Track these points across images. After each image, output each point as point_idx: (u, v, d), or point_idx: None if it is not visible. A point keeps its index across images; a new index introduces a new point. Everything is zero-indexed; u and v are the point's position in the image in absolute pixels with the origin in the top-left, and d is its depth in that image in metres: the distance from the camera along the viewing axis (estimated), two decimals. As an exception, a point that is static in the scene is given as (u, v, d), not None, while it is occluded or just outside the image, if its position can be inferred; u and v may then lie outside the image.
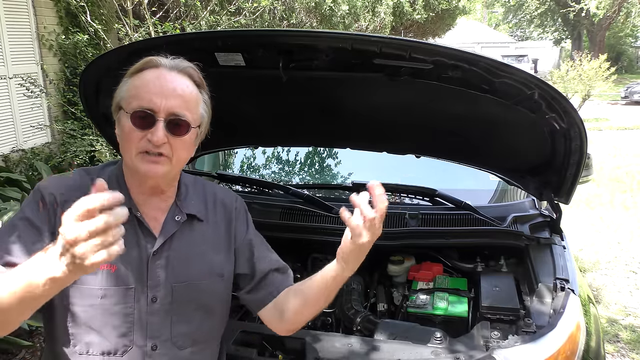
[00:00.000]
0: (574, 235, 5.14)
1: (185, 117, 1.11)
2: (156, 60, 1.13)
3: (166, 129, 1.08)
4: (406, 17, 14.00)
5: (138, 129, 1.08)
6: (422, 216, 2.04)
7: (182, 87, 1.12)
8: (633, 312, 3.74)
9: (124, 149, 1.12)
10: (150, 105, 1.07)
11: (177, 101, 1.10)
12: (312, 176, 3.02)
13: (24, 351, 3.05)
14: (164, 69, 1.12)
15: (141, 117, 1.08)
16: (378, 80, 1.67)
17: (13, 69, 5.76)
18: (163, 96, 1.08)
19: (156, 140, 1.07)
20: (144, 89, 1.09)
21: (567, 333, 1.38)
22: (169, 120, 1.09)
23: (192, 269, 1.19)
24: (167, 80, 1.10)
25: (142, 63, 1.13)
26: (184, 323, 1.18)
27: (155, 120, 1.08)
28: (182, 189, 1.24)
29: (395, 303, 2.02)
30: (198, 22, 6.51)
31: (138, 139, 1.08)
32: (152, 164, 1.09)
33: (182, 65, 1.14)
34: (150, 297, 1.14)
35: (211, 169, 2.89)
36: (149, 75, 1.11)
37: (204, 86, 1.18)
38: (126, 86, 1.12)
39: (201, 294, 1.21)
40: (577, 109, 2.22)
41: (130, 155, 1.10)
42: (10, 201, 3.54)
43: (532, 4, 32.74)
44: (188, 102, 1.12)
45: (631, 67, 35.41)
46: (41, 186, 1.14)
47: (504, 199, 2.45)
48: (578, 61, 13.75)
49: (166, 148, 1.09)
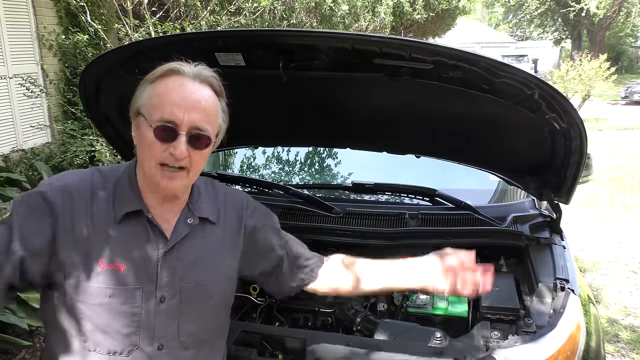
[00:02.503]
0: (574, 235, 5.14)
1: (207, 131, 1.11)
2: (178, 68, 1.11)
3: (187, 143, 1.09)
4: (406, 17, 14.00)
5: (160, 141, 1.08)
6: (422, 216, 2.04)
7: (205, 99, 1.11)
8: (633, 312, 3.74)
9: (143, 156, 1.12)
10: (173, 117, 1.07)
11: (200, 115, 1.09)
12: (312, 176, 3.02)
13: (24, 351, 3.05)
14: (187, 78, 1.11)
15: (164, 130, 1.08)
16: (378, 80, 1.67)
17: (13, 69, 5.76)
18: (186, 109, 1.08)
19: (179, 154, 1.07)
20: (166, 99, 1.08)
21: (567, 333, 1.38)
22: (191, 134, 1.09)
23: (202, 270, 1.20)
24: (190, 92, 1.09)
25: (165, 69, 1.12)
26: (191, 323, 1.19)
27: (177, 134, 1.08)
28: (195, 192, 1.24)
29: (395, 303, 2.01)
30: (198, 22, 6.51)
31: (160, 151, 1.08)
32: (171, 180, 1.10)
33: (204, 74, 1.13)
34: (159, 297, 1.14)
35: (211, 169, 2.88)
36: (172, 84, 1.10)
37: (222, 94, 1.18)
38: (147, 93, 1.11)
39: (209, 295, 1.22)
40: (577, 109, 2.22)
41: (150, 165, 1.10)
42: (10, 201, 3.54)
43: (532, 4, 32.74)
44: (209, 115, 1.12)
45: (631, 67, 35.41)
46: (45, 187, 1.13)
47: (504, 199, 2.44)
48: (578, 61, 13.75)
49: (186, 161, 1.10)
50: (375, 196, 2.37)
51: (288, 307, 1.95)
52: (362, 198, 2.36)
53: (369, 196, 2.37)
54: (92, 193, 1.14)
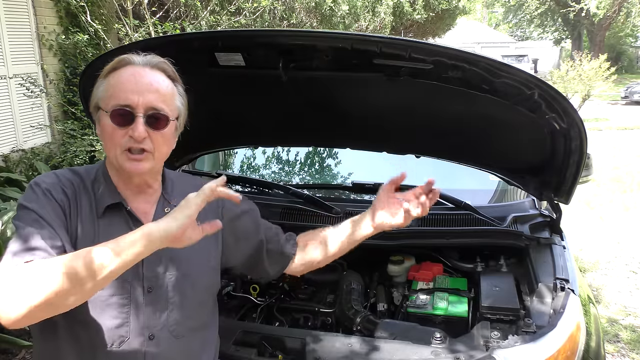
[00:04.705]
0: (574, 235, 5.14)
1: (163, 110, 1.14)
2: (129, 59, 1.16)
3: (146, 124, 1.11)
4: (406, 17, 14.01)
5: (118, 126, 1.11)
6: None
7: (157, 81, 1.15)
8: (633, 312, 3.74)
9: (107, 148, 1.15)
10: (128, 102, 1.10)
11: (154, 96, 1.13)
12: (312, 176, 3.02)
13: (24, 351, 3.05)
14: (137, 66, 1.15)
15: (120, 114, 1.11)
16: (378, 80, 1.67)
17: (13, 69, 5.76)
18: (139, 92, 1.11)
19: (137, 135, 1.10)
20: (120, 87, 1.12)
21: (567, 333, 1.38)
22: (148, 115, 1.12)
23: (184, 260, 1.22)
24: (141, 76, 1.13)
25: (115, 62, 1.16)
26: (179, 312, 1.20)
27: (134, 116, 1.11)
28: (168, 183, 1.28)
29: (395, 303, 2.02)
30: (198, 22, 6.51)
31: (120, 136, 1.11)
32: (136, 162, 1.13)
33: (154, 60, 1.17)
34: (146, 288, 1.16)
35: (211, 169, 2.88)
36: (124, 74, 1.13)
37: (178, 79, 1.21)
38: (102, 86, 1.15)
39: (195, 284, 1.24)
40: (577, 109, 2.22)
41: (115, 154, 1.13)
42: (10, 201, 3.55)
43: (532, 4, 32.72)
44: (164, 95, 1.15)
45: (631, 67, 35.41)
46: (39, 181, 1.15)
47: (504, 199, 2.44)
48: (578, 61, 13.75)
49: (147, 143, 1.13)
50: (375, 196, 2.37)
51: (288, 307, 1.95)
52: (362, 198, 2.36)
53: (369, 196, 2.37)
54: (76, 190, 1.17)
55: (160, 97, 1.14)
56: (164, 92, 1.15)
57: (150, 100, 1.12)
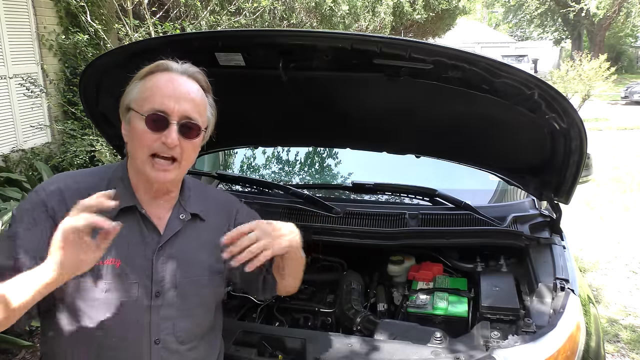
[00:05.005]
0: (574, 235, 5.14)
1: (196, 120, 1.15)
2: (167, 64, 1.16)
3: (179, 132, 1.12)
4: (406, 17, 14.00)
5: (152, 131, 1.11)
6: (422, 216, 2.04)
7: (193, 91, 1.15)
8: (633, 312, 3.74)
9: (135, 149, 1.14)
10: (164, 107, 1.11)
11: (189, 105, 1.13)
12: (312, 176, 3.02)
13: (24, 351, 3.05)
14: (175, 73, 1.15)
15: (155, 119, 1.11)
16: (378, 80, 1.67)
17: (13, 69, 5.76)
18: (176, 99, 1.12)
19: (170, 142, 1.10)
20: (156, 91, 1.12)
21: (567, 333, 1.38)
22: (182, 123, 1.12)
23: (195, 266, 1.22)
24: (179, 84, 1.14)
25: (153, 66, 1.16)
26: (186, 318, 1.20)
27: (168, 122, 1.11)
28: (186, 191, 1.28)
29: (395, 303, 2.02)
30: (198, 22, 6.51)
31: (151, 140, 1.11)
32: (162, 172, 1.13)
33: (191, 70, 1.18)
34: (155, 292, 1.16)
35: (211, 169, 2.88)
36: (161, 79, 1.14)
37: (209, 90, 1.22)
38: (137, 88, 1.15)
39: (203, 290, 1.24)
40: (577, 109, 2.22)
41: (142, 157, 1.13)
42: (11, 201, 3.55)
43: (532, 4, 32.72)
44: (198, 106, 1.16)
45: (631, 67, 35.40)
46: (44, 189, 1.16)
47: (504, 199, 2.44)
48: (578, 61, 13.75)
49: (177, 150, 1.13)
50: (375, 196, 2.37)
51: (288, 307, 1.95)
52: (362, 198, 2.36)
53: (369, 196, 2.37)
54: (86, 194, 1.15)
55: (195, 107, 1.14)
56: (198, 102, 1.16)
57: (186, 109, 1.12)
